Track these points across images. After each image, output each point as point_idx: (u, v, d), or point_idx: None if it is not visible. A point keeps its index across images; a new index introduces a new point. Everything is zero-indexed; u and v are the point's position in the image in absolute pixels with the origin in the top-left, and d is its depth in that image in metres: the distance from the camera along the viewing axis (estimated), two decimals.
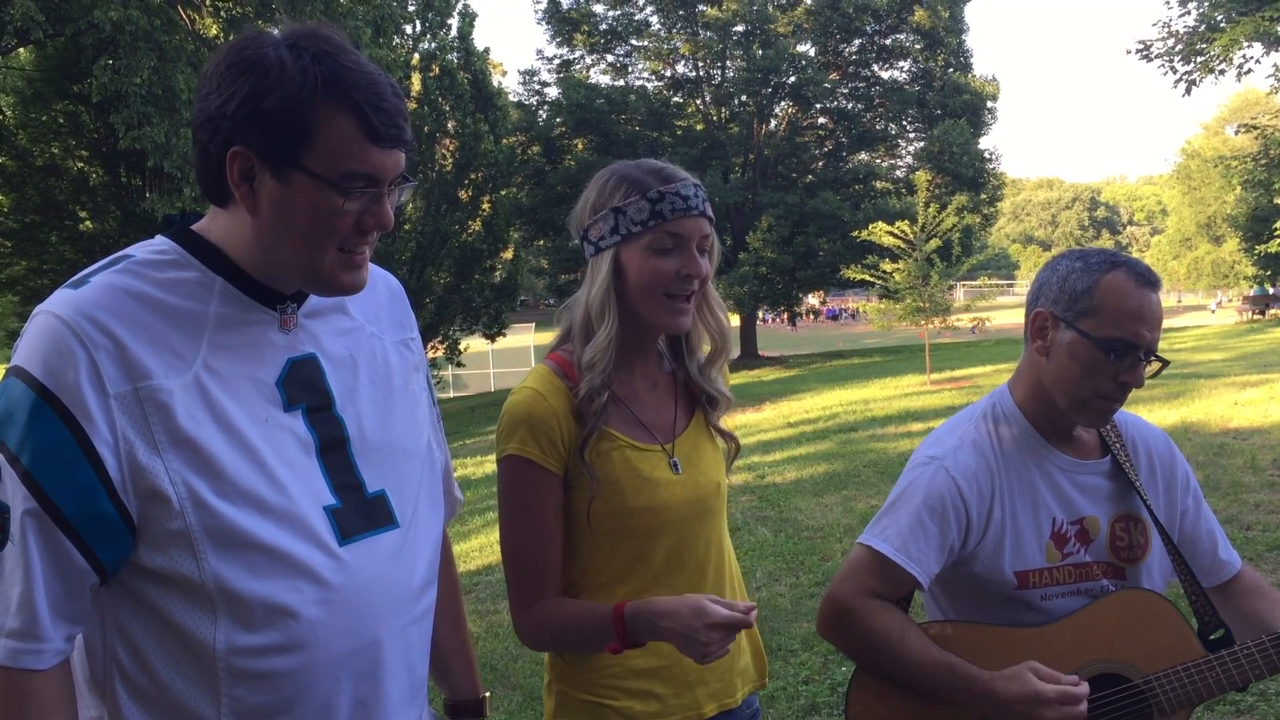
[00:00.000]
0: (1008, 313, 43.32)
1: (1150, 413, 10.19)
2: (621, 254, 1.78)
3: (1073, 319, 1.88)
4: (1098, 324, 1.85)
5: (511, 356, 37.83)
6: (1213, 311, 48.92)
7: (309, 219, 1.29)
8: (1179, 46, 28.50)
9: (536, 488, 1.77)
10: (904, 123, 34.66)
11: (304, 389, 1.39)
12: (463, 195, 29.40)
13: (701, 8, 32.29)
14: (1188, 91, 29.01)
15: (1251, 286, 43.90)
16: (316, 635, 1.32)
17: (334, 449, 1.40)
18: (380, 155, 1.30)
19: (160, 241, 1.37)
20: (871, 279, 19.98)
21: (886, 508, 1.99)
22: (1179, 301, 59.63)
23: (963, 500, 1.92)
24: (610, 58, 34.48)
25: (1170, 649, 1.91)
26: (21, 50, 20.11)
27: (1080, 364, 1.88)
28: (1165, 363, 1.92)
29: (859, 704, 1.95)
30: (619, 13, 33.15)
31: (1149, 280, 1.88)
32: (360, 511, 1.40)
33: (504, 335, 31.53)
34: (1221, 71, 27.95)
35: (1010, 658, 1.87)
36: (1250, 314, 39.90)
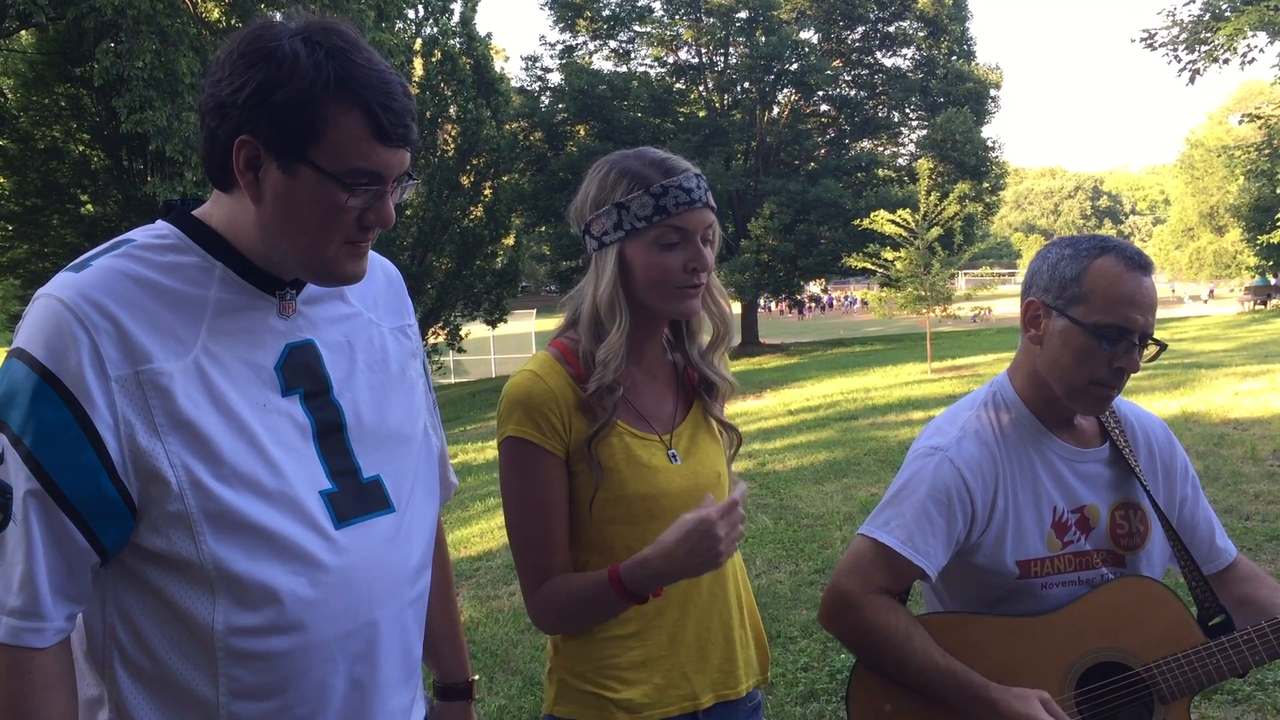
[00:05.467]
0: (1009, 302, 43.28)
1: (1151, 402, 10.18)
2: (626, 250, 1.77)
3: (1064, 306, 1.87)
4: (1088, 310, 1.84)
5: (513, 343, 37.89)
6: (1204, 301, 48.86)
7: (311, 212, 1.30)
8: (1183, 35, 28.42)
9: (536, 468, 1.77)
10: (906, 110, 34.62)
11: (302, 374, 1.40)
12: (464, 181, 29.39)
13: None
14: (1191, 81, 28.92)
15: (1253, 276, 43.89)
16: (313, 617, 1.33)
17: (331, 434, 1.41)
18: (386, 154, 1.31)
19: (161, 226, 1.37)
20: (873, 267, 19.98)
21: (889, 499, 1.97)
22: (1173, 293, 59.30)
23: (968, 491, 1.92)
24: (613, 43, 34.42)
25: (1170, 636, 1.91)
26: (23, 33, 20.07)
27: (1073, 351, 1.86)
28: (1163, 346, 1.91)
29: (860, 695, 1.95)
30: None
31: (1140, 264, 1.86)
32: (356, 496, 1.41)
33: (505, 321, 31.58)
34: (1225, 61, 27.91)
35: (1011, 647, 1.87)
36: (1252, 304, 39.87)
